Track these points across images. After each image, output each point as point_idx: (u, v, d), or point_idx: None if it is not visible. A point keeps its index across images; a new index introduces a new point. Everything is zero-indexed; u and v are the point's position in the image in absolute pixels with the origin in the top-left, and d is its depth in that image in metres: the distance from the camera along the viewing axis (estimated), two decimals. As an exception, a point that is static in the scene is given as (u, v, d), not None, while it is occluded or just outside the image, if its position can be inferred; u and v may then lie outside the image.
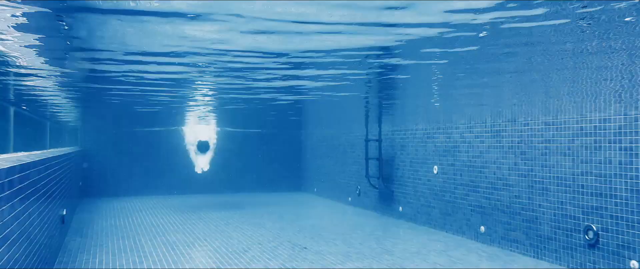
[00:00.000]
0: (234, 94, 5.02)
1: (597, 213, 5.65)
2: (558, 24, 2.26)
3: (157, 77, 3.74)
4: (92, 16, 2.01)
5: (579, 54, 2.88)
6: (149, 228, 8.78)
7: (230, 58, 3.02)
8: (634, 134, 5.28)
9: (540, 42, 2.63)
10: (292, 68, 3.42)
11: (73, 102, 5.88)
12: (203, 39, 2.51)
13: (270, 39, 2.53)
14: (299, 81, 4.08)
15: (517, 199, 6.81)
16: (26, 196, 3.88)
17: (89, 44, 2.53)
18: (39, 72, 3.41)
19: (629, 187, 5.31)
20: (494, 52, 2.83)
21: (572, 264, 5.95)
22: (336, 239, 7.77)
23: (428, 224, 8.81)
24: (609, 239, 5.50)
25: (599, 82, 3.86)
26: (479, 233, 7.54)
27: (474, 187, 7.64)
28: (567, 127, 6.07)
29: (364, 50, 2.91)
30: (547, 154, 6.34)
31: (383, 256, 6.62)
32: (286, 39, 2.52)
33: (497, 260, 6.42)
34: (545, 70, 3.41)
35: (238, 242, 7.56)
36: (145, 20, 2.10)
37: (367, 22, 2.23)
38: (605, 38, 2.49)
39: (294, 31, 2.36)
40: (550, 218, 6.26)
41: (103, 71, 3.37)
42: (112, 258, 6.46)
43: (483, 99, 5.33)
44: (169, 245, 7.27)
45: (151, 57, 2.92)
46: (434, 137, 8.73)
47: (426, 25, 2.27)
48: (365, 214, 10.52)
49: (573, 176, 5.97)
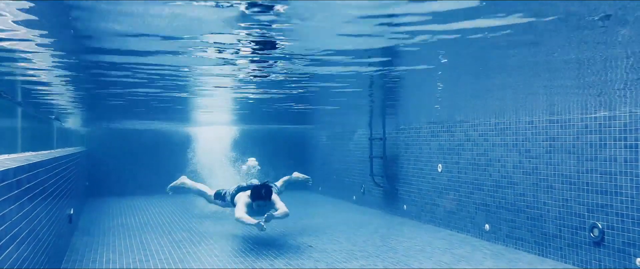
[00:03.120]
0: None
1: (603, 210, 5.64)
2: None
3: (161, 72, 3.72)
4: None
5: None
6: (155, 226, 8.84)
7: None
8: (639, 132, 5.27)
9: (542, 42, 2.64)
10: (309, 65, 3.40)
11: (78, 102, 5.92)
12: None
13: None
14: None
15: (521, 197, 6.80)
16: (34, 195, 3.92)
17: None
18: (44, 67, 3.42)
19: (634, 185, 5.29)
20: (499, 47, 2.83)
21: (577, 262, 5.94)
22: (341, 237, 7.80)
23: (432, 222, 8.82)
24: (614, 237, 5.48)
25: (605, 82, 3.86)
26: (483, 231, 7.53)
27: (479, 185, 7.63)
28: (572, 124, 6.05)
29: (369, 51, 2.93)
30: (551, 151, 6.33)
31: (387, 254, 6.63)
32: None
33: (502, 258, 6.42)
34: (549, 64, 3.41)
35: (244, 240, 7.60)
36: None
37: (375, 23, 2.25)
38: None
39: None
40: (555, 216, 6.25)
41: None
42: (118, 256, 6.52)
43: (488, 97, 5.33)
44: (175, 243, 7.33)
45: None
46: (438, 135, 8.73)
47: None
48: (369, 212, 10.53)
49: (578, 173, 5.96)
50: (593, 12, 2.09)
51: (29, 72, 3.60)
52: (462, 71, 3.69)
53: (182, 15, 2.12)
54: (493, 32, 2.43)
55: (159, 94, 5.06)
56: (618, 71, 3.48)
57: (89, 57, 3.16)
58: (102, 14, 2.11)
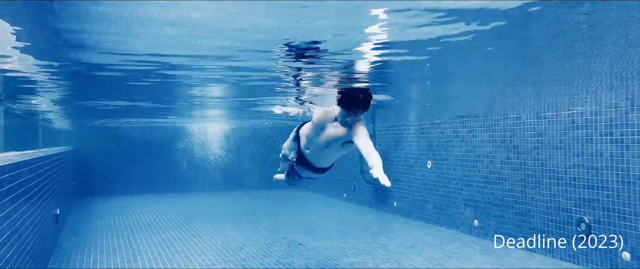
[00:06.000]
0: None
1: (590, 205, 5.69)
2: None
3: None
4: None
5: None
6: (144, 226, 8.76)
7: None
8: (624, 127, 5.32)
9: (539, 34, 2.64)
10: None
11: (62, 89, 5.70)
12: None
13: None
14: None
15: (510, 193, 6.84)
16: (17, 195, 3.86)
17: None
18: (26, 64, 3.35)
19: (620, 179, 5.35)
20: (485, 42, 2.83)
21: (564, 256, 5.99)
22: (332, 235, 7.79)
23: (422, 219, 8.84)
24: (601, 231, 5.54)
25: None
26: (472, 227, 7.57)
27: (467, 181, 7.67)
28: (559, 120, 6.10)
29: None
30: (539, 147, 6.37)
31: (378, 251, 6.64)
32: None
33: (491, 253, 6.46)
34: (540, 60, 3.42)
35: (234, 239, 7.56)
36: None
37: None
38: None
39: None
40: (543, 211, 6.30)
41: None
42: (106, 256, 6.44)
43: (476, 93, 5.34)
44: (164, 243, 7.26)
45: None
46: (427, 132, 8.75)
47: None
48: (360, 210, 10.54)
49: (565, 168, 6.00)
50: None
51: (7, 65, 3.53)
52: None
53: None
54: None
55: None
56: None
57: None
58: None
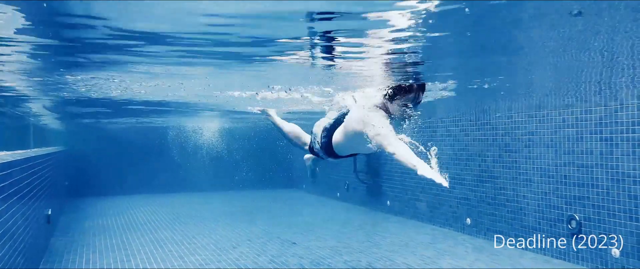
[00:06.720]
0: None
1: (580, 202, 5.74)
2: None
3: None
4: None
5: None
6: (136, 226, 8.73)
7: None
8: (613, 125, 5.38)
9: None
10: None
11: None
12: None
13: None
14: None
15: (501, 191, 6.89)
16: (8, 195, 3.84)
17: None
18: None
19: (609, 177, 5.40)
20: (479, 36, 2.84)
21: (555, 253, 6.05)
22: (325, 234, 7.81)
23: (415, 218, 8.88)
24: (591, 228, 5.59)
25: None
26: (465, 225, 7.62)
27: (460, 180, 7.71)
28: (550, 119, 6.15)
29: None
30: (530, 145, 6.42)
31: (371, 250, 6.66)
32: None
33: (484, 251, 6.50)
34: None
35: (227, 239, 7.55)
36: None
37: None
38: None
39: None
40: (534, 209, 6.35)
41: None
42: (99, 256, 6.42)
43: (468, 90, 5.38)
44: (157, 243, 7.24)
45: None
46: (420, 130, 8.77)
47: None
48: (354, 209, 10.57)
49: (556, 167, 6.06)
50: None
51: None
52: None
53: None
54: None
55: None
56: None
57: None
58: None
